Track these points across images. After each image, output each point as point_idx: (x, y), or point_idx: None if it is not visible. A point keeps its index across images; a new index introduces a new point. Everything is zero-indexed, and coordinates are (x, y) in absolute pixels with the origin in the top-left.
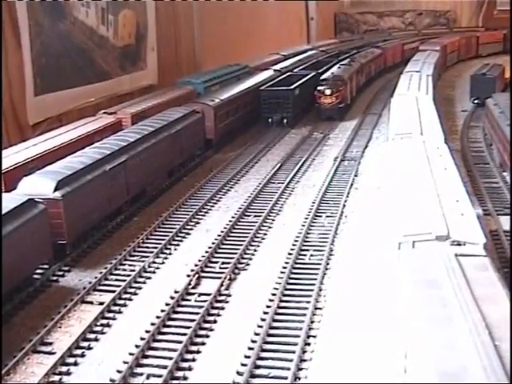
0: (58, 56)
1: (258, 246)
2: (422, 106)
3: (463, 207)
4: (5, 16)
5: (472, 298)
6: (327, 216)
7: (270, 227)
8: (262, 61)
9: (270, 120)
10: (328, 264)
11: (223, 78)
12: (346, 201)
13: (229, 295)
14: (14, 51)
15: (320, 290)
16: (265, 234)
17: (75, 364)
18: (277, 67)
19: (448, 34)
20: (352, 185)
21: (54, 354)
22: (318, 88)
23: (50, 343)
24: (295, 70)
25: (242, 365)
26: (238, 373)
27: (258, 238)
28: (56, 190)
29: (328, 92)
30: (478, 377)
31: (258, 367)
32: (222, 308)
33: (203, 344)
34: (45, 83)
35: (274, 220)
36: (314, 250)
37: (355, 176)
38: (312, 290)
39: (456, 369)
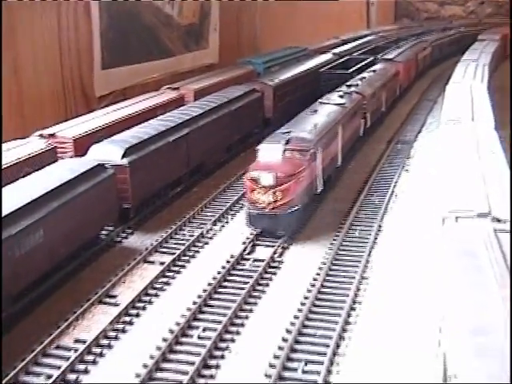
0: (124, 32)
1: (311, 217)
2: (475, 93)
3: (506, 188)
4: None
5: (506, 269)
6: (378, 195)
7: (322, 201)
8: (322, 44)
9: None
10: (376, 239)
11: (283, 59)
12: (396, 181)
13: (281, 262)
14: (85, 26)
15: (367, 262)
16: (317, 208)
17: (137, 315)
18: (336, 51)
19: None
20: (404, 167)
21: (118, 305)
22: (251, 172)
23: (115, 296)
24: (354, 54)
25: (291, 324)
26: (287, 330)
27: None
28: (123, 157)
29: (267, 181)
30: (503, 335)
31: (305, 327)
32: (275, 273)
33: (256, 304)
34: (112, 58)
35: (327, 195)
36: (364, 226)
37: (407, 159)
38: (359, 262)
39: (486, 327)
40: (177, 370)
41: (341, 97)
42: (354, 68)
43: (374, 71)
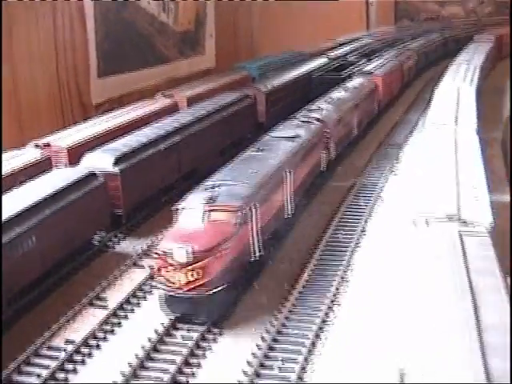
0: (120, 41)
1: (297, 221)
2: (462, 96)
3: (479, 192)
4: (72, 4)
5: (465, 269)
6: (364, 198)
7: (309, 204)
8: (317, 48)
9: None
10: (359, 241)
11: (278, 63)
12: (383, 185)
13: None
14: (80, 36)
15: (348, 265)
16: (302, 212)
17: (125, 317)
18: (331, 54)
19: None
20: (392, 170)
21: (107, 308)
22: (162, 243)
23: (105, 299)
24: (348, 58)
25: (272, 325)
26: (270, 323)
27: (295, 216)
28: (115, 165)
29: (181, 257)
30: (452, 332)
31: (284, 326)
32: (259, 271)
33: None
34: (108, 66)
35: (313, 198)
36: (348, 229)
37: (396, 161)
38: (341, 265)
39: (436, 324)
40: (160, 369)
41: (298, 127)
42: (346, 71)
43: (346, 89)
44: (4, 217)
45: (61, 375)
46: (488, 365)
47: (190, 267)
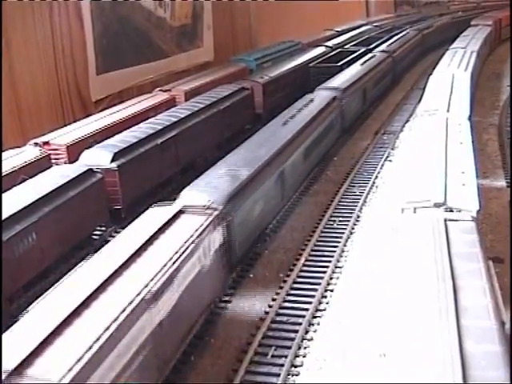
0: (118, 37)
1: (293, 209)
2: (456, 82)
3: (467, 178)
4: (69, 3)
5: (447, 254)
6: (359, 186)
7: (304, 194)
8: (315, 37)
9: None
10: (353, 229)
11: (275, 54)
12: (379, 172)
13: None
14: (78, 33)
15: (342, 252)
16: (298, 200)
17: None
18: (329, 44)
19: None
20: (387, 157)
21: None
22: None
23: None
24: (346, 47)
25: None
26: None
27: (293, 204)
28: (112, 161)
29: None
30: (431, 316)
31: (278, 314)
32: (254, 263)
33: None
34: (106, 62)
35: (309, 189)
36: (343, 217)
37: (392, 149)
38: (335, 252)
39: (416, 308)
40: None
41: None
42: (344, 60)
43: None
44: (4, 215)
45: None
46: (463, 348)
47: None
